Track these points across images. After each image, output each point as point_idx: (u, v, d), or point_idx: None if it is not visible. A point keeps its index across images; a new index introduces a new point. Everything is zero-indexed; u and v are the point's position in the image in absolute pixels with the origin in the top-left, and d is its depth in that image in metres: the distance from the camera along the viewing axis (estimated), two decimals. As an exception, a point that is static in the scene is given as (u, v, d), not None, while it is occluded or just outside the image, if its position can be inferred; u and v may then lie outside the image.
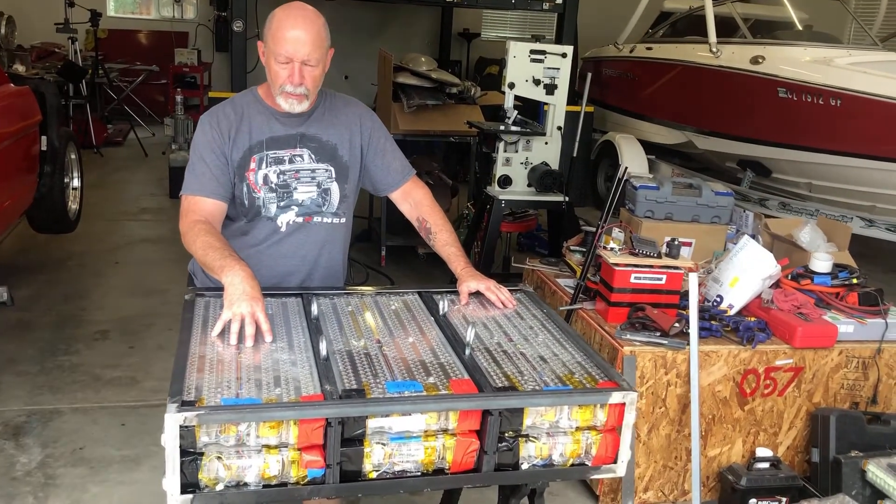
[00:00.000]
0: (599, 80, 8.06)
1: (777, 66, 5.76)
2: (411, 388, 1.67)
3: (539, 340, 1.99)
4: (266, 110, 2.29)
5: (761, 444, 3.13)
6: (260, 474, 1.57)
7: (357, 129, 2.36)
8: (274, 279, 2.30)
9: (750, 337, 3.02)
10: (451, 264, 2.34)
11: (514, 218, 5.19)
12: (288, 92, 2.18)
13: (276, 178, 2.26)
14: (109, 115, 10.14)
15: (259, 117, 2.28)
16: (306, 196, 2.29)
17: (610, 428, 1.74)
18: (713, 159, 7.02)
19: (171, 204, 7.17)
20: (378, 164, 2.41)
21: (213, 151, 2.23)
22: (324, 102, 2.34)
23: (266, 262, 2.29)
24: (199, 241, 2.08)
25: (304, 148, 2.28)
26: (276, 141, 2.27)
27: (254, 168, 2.25)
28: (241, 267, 1.97)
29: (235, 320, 1.86)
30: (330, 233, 2.35)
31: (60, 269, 5.28)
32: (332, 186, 2.31)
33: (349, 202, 2.37)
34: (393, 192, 2.46)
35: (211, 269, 2.03)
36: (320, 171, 2.30)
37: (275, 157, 2.26)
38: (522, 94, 4.50)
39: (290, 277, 2.34)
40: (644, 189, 3.66)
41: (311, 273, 2.36)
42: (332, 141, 2.32)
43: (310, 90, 2.20)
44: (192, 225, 2.15)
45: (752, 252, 3.21)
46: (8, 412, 3.47)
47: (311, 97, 2.23)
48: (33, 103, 4.69)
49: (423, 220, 2.43)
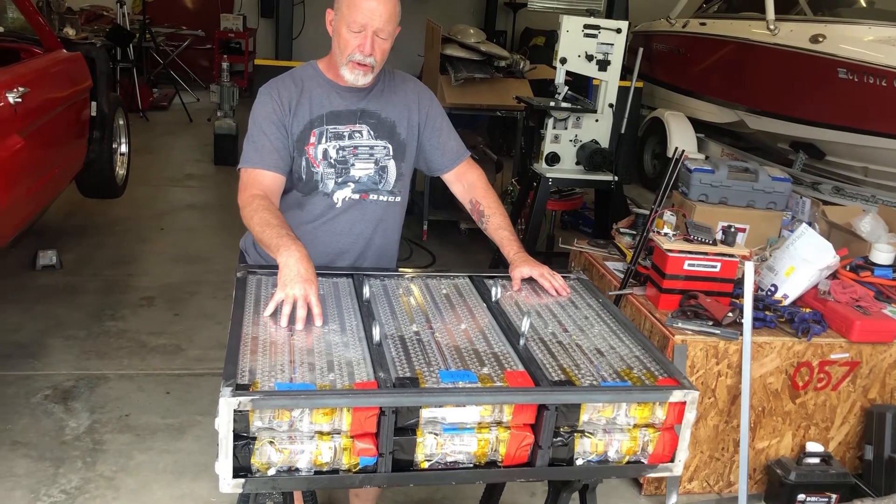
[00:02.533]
0: (649, 54, 7.87)
1: (838, 45, 5.56)
2: (465, 378, 1.64)
3: (595, 332, 1.94)
4: (327, 84, 2.25)
5: (812, 438, 3.06)
6: (312, 460, 1.55)
7: (415, 107, 2.32)
8: (328, 256, 2.27)
9: (805, 329, 2.94)
10: (503, 248, 2.29)
11: (560, 196, 5.11)
12: (356, 61, 2.13)
13: (336, 153, 2.22)
14: (155, 79, 10.20)
15: (319, 90, 2.24)
16: (363, 173, 2.25)
17: (668, 426, 1.70)
18: (765, 140, 6.84)
19: (216, 171, 7.22)
20: (434, 143, 2.36)
21: (274, 123, 2.19)
22: (383, 79, 2.29)
23: (321, 238, 2.26)
24: (256, 217, 2.04)
25: (364, 124, 2.25)
26: (336, 115, 2.23)
27: (313, 142, 2.21)
28: (297, 247, 1.93)
29: (287, 302, 1.83)
30: (385, 211, 2.31)
31: (107, 234, 5.34)
32: (389, 164, 2.27)
33: (405, 181, 2.33)
34: (447, 172, 2.41)
35: (267, 246, 2.00)
36: (378, 147, 2.26)
37: (335, 131, 2.22)
38: (574, 69, 4.40)
39: (344, 255, 2.31)
40: (699, 172, 3.56)
41: (365, 251, 2.33)
42: (391, 118, 2.27)
43: (377, 63, 2.15)
44: (251, 199, 2.10)
45: (810, 241, 3.11)
46: (57, 375, 3.53)
47: (377, 70, 2.18)
48: (84, 69, 4.71)
49: (476, 202, 2.38)
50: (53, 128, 4.15)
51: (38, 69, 4.11)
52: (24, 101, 3.58)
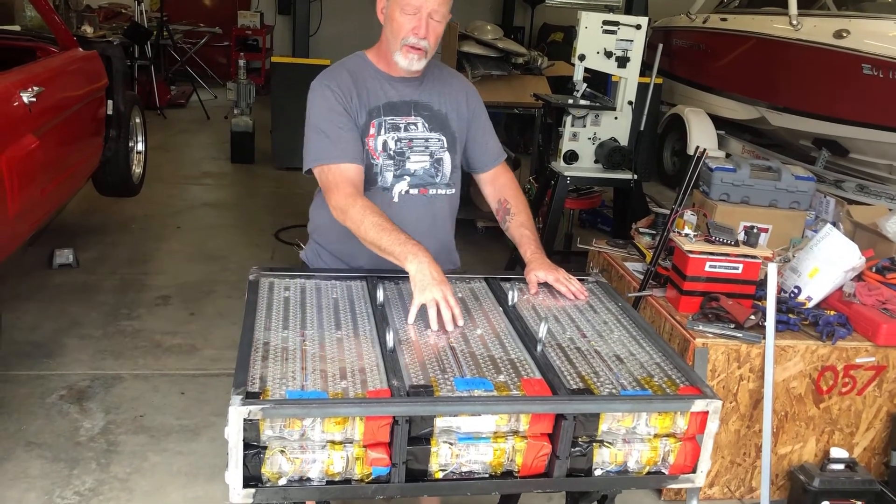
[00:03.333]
0: (669, 50, 7.78)
1: (862, 40, 5.45)
2: (481, 386, 1.60)
3: (614, 337, 1.89)
4: (379, 75, 2.21)
5: (836, 444, 2.99)
6: (324, 470, 1.52)
7: (464, 103, 2.29)
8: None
9: (830, 332, 2.87)
10: (521, 247, 2.25)
11: (579, 195, 5.05)
12: (410, 45, 2.10)
13: (395, 144, 2.18)
14: (173, 76, 10.23)
15: (373, 82, 2.20)
16: (419, 166, 2.21)
17: (690, 436, 1.65)
18: (786, 137, 6.74)
19: (233, 169, 7.22)
20: (479, 141, 2.33)
21: (341, 115, 2.12)
22: (432, 70, 2.26)
23: None
24: (367, 220, 1.98)
25: (418, 116, 2.21)
26: (392, 107, 2.19)
27: (373, 134, 2.17)
28: (424, 253, 1.91)
29: (431, 306, 1.83)
30: (443, 204, 2.27)
31: (124, 233, 5.35)
32: (444, 156, 2.24)
33: (458, 173, 2.30)
34: (484, 172, 2.38)
35: (386, 252, 1.95)
36: (433, 140, 2.22)
37: (392, 123, 2.18)
38: (593, 66, 4.34)
39: None
40: (720, 171, 3.50)
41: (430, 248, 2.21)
42: (444, 110, 2.24)
43: (430, 47, 2.12)
44: (351, 202, 2.02)
45: (835, 242, 3.04)
46: (72, 375, 3.52)
47: (429, 56, 2.15)
48: (100, 68, 4.70)
49: (504, 200, 2.34)
50: (69, 127, 4.14)
51: (53, 68, 4.11)
52: (39, 100, 3.57)
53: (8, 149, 3.27)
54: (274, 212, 5.91)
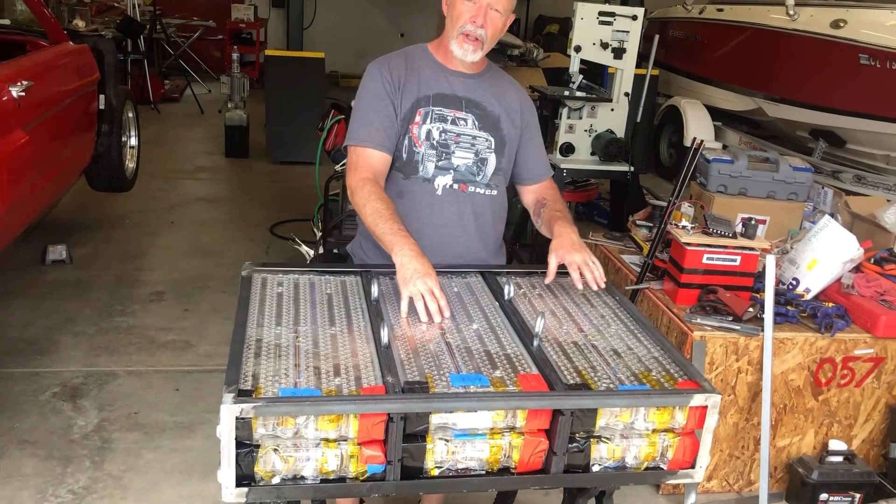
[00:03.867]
0: (665, 41, 7.73)
1: (859, 30, 5.43)
2: (477, 382, 1.57)
3: (612, 331, 1.86)
4: (436, 65, 2.21)
5: (835, 436, 2.98)
6: (318, 468, 1.49)
7: (518, 110, 2.27)
8: (433, 248, 2.10)
9: (828, 324, 2.85)
10: (552, 224, 2.18)
11: (575, 187, 5.03)
12: (467, 32, 2.09)
13: (439, 135, 2.16)
14: (166, 70, 10.17)
15: (428, 71, 2.20)
16: (462, 162, 2.19)
17: (689, 431, 1.62)
18: (783, 128, 6.72)
19: (227, 163, 7.18)
20: (528, 153, 2.32)
21: (383, 100, 2.14)
22: (491, 72, 2.26)
23: (428, 232, 2.16)
24: (369, 206, 2.01)
25: (469, 113, 2.19)
26: (443, 98, 2.18)
27: (418, 122, 2.16)
28: (410, 244, 1.91)
29: (417, 299, 1.82)
30: (484, 204, 2.24)
31: (117, 228, 5.31)
32: (489, 157, 2.21)
33: (502, 177, 2.27)
34: (531, 184, 2.36)
35: (379, 239, 1.98)
36: (481, 139, 2.20)
37: (440, 114, 2.17)
38: (589, 57, 4.31)
39: (449, 247, 2.21)
40: (718, 162, 3.47)
41: (469, 245, 2.24)
42: (496, 112, 2.22)
43: (487, 38, 2.11)
44: (361, 184, 2.06)
45: (833, 233, 3.02)
46: (66, 373, 3.50)
47: (486, 48, 2.14)
48: (91, 62, 4.66)
49: (543, 199, 2.31)
50: (60, 122, 4.10)
51: (42, 62, 4.06)
52: (28, 94, 3.53)
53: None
54: (269, 206, 5.88)
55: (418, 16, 9.96)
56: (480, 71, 2.23)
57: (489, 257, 2.30)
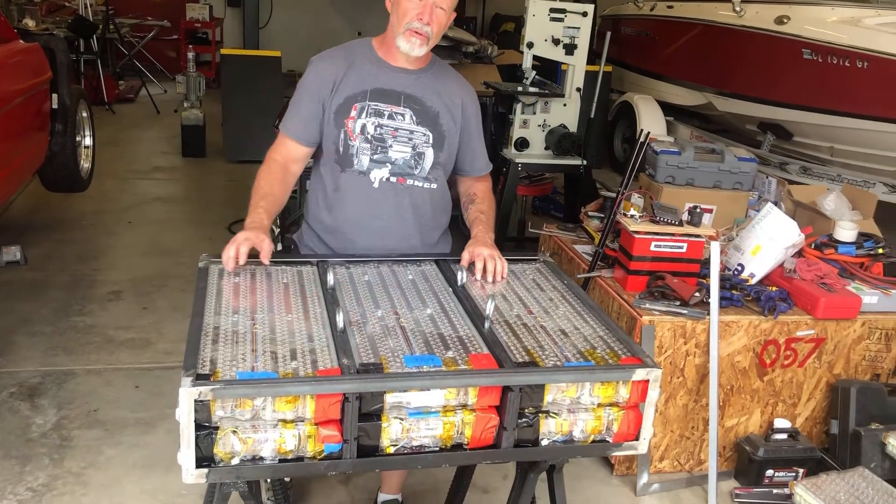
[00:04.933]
0: (617, 38, 7.88)
1: (802, 26, 5.61)
2: (430, 362, 1.63)
3: (560, 313, 1.94)
4: (377, 61, 2.27)
5: (780, 415, 3.10)
6: (276, 449, 1.54)
7: (459, 105, 2.32)
8: (372, 240, 2.27)
9: (771, 307, 2.96)
10: (472, 227, 2.32)
11: (531, 181, 5.12)
12: (413, 29, 2.15)
13: (374, 129, 2.23)
14: (121, 71, 10.05)
15: (368, 66, 2.26)
16: (400, 156, 2.25)
17: (632, 405, 1.70)
18: (733, 122, 6.89)
19: (184, 163, 7.13)
20: (467, 147, 2.38)
21: (311, 95, 2.26)
22: (436, 69, 2.31)
23: (367, 224, 2.27)
24: (256, 181, 2.24)
25: (408, 108, 2.25)
26: (381, 93, 2.24)
27: (353, 116, 2.22)
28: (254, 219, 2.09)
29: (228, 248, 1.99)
30: (422, 196, 2.30)
31: (73, 229, 5.26)
32: (427, 151, 2.27)
33: (441, 170, 2.33)
34: (468, 177, 2.45)
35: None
36: (418, 133, 2.26)
37: (376, 108, 2.23)
38: (541, 53, 4.40)
39: (386, 239, 2.29)
40: (665, 154, 3.57)
41: (411, 236, 2.32)
42: (436, 108, 2.28)
43: (433, 35, 2.17)
44: (267, 161, 2.29)
45: (776, 220, 3.13)
46: (23, 373, 3.47)
47: (431, 43, 2.20)
48: (43, 60, 4.61)
49: (473, 193, 2.42)
50: (10, 120, 4.06)
51: (-9, 61, 4.03)
52: (-22, 93, 3.50)
53: (-52, 143, 3.21)
54: (226, 205, 5.86)
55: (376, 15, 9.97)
56: (423, 66, 2.29)
57: (428, 250, 2.37)
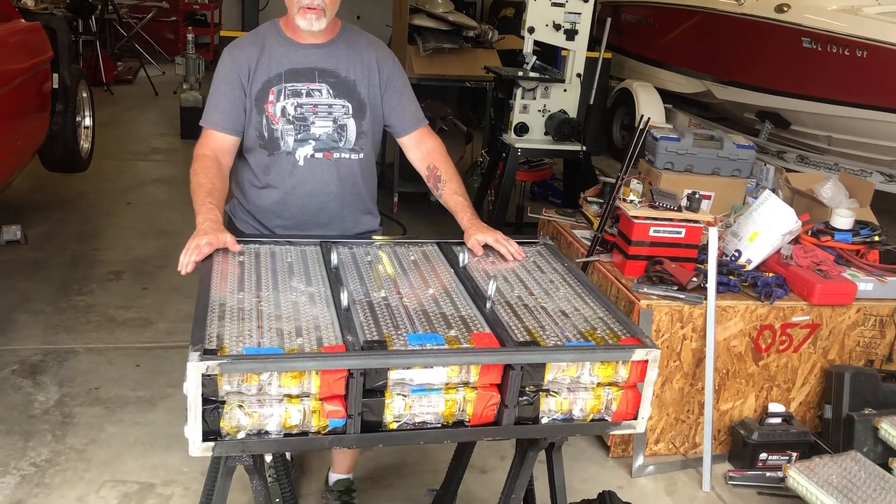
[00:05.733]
0: (617, 25, 7.88)
1: (802, 14, 5.61)
2: (433, 340, 1.66)
3: (560, 295, 1.97)
4: (286, 42, 2.28)
5: (774, 399, 3.14)
6: (281, 423, 1.57)
7: (376, 68, 2.33)
8: (307, 216, 2.33)
9: (768, 293, 3.00)
10: (457, 215, 2.31)
11: (530, 167, 5.13)
12: (305, 6, 2.15)
13: (294, 110, 2.25)
14: (119, 52, 10.01)
15: (279, 49, 2.27)
16: (322, 131, 2.28)
17: (631, 384, 1.73)
18: (731, 109, 6.91)
19: (182, 145, 7.13)
20: (393, 105, 2.38)
21: (229, 84, 2.27)
22: (346, 37, 2.31)
23: (294, 202, 2.32)
24: (193, 179, 2.20)
25: (323, 83, 2.27)
26: (294, 73, 2.25)
27: (272, 100, 2.25)
28: (208, 216, 2.10)
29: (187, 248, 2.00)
30: (350, 168, 2.34)
31: (73, 209, 5.27)
32: (348, 122, 2.30)
33: (368, 139, 2.35)
34: (405, 136, 2.43)
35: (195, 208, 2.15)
36: (337, 106, 2.28)
37: (293, 89, 2.25)
38: (542, 39, 4.39)
39: (322, 214, 2.34)
40: (665, 140, 3.60)
41: (341, 209, 2.35)
42: (351, 77, 2.29)
43: (327, 5, 2.17)
44: (196, 158, 2.25)
45: (773, 207, 3.17)
46: (24, 350, 3.50)
47: (329, 14, 2.20)
48: (44, 40, 4.61)
49: (433, 167, 2.39)
50: (12, 99, 4.06)
51: (-6, 39, 4.03)
52: (-19, 71, 3.51)
53: (-49, 121, 3.22)
54: (226, 187, 5.86)
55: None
56: (332, 38, 2.29)
57: (361, 217, 2.42)
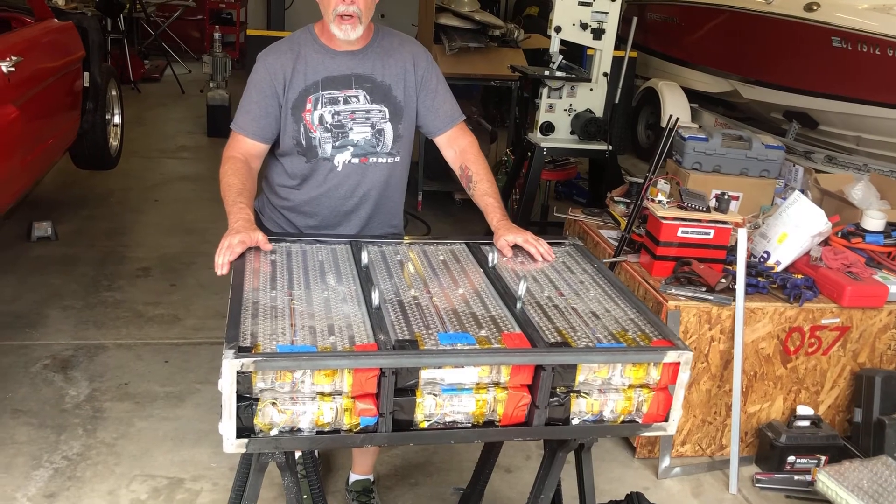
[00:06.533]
0: (643, 24, 7.82)
1: (832, 13, 5.54)
2: (464, 340, 1.67)
3: (590, 295, 1.96)
4: (322, 49, 2.28)
5: (802, 402, 3.11)
6: (314, 421, 1.58)
7: (411, 69, 2.34)
8: (337, 217, 2.36)
9: (797, 295, 2.97)
10: (487, 215, 2.33)
11: (555, 166, 5.12)
12: (341, 14, 2.16)
13: (331, 118, 2.26)
14: (146, 50, 10.11)
15: (315, 56, 2.27)
16: (360, 136, 2.29)
17: (662, 386, 1.73)
18: (758, 109, 6.84)
19: (209, 142, 7.20)
20: (428, 105, 2.38)
21: (262, 92, 2.27)
22: (379, 40, 2.32)
23: (328, 203, 2.35)
24: (223, 180, 2.21)
25: (360, 89, 2.28)
26: (331, 80, 2.26)
27: (310, 108, 2.26)
28: (239, 215, 2.10)
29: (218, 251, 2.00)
30: (385, 172, 2.36)
31: (102, 206, 5.34)
32: (385, 127, 2.31)
33: (403, 141, 2.36)
34: (439, 135, 2.44)
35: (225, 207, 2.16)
36: (374, 111, 2.29)
37: (329, 97, 2.26)
38: (569, 38, 4.38)
39: (353, 216, 2.37)
40: (693, 140, 3.57)
41: (373, 213, 2.38)
42: (387, 81, 2.30)
43: (362, 11, 2.17)
44: (226, 160, 2.27)
45: (803, 208, 3.14)
46: (56, 345, 3.55)
47: (364, 20, 2.20)
48: (77, 39, 4.67)
49: (465, 167, 2.40)
50: (47, 98, 4.12)
51: (30, 38, 4.08)
52: (18, 70, 3.56)
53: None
54: (252, 185, 5.90)
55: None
56: (367, 43, 2.29)
57: (391, 220, 2.45)
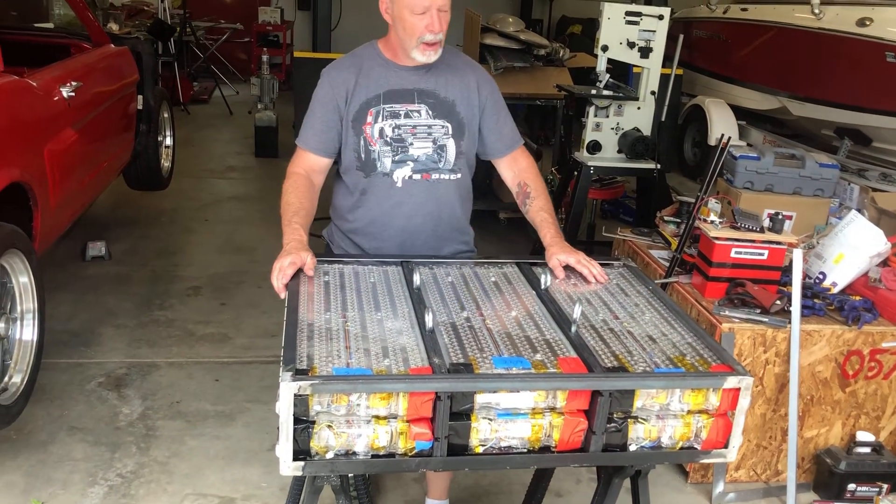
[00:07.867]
0: (689, 41, 7.77)
1: (885, 28, 5.43)
2: (519, 364, 1.66)
3: (646, 319, 1.94)
4: (385, 63, 2.30)
5: (862, 427, 3.02)
6: (369, 444, 1.58)
7: (475, 89, 2.35)
8: (402, 237, 2.34)
9: (855, 317, 2.90)
10: (540, 231, 2.31)
11: (602, 185, 5.09)
12: (427, 42, 2.18)
13: (392, 132, 2.27)
14: (195, 72, 10.33)
15: (378, 70, 2.29)
16: (422, 152, 2.29)
17: (722, 412, 1.70)
18: (808, 126, 6.72)
19: (257, 163, 7.31)
20: (491, 127, 2.39)
21: (325, 107, 2.30)
22: (445, 57, 2.32)
23: (391, 223, 2.33)
24: (284, 197, 2.23)
25: (422, 103, 2.29)
26: (394, 94, 2.28)
27: (370, 122, 2.27)
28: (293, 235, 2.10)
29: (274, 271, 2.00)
30: (448, 188, 2.35)
31: (153, 226, 5.45)
32: (448, 143, 2.31)
33: (465, 158, 2.36)
34: (500, 157, 2.44)
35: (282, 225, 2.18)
36: (437, 127, 2.29)
37: (391, 110, 2.27)
38: (616, 57, 4.37)
39: (418, 234, 2.35)
40: (744, 159, 3.53)
41: (437, 229, 2.36)
42: (450, 97, 2.31)
43: (443, 38, 2.21)
44: (289, 175, 2.29)
45: (860, 228, 3.07)
46: (109, 363, 3.62)
47: (443, 43, 2.23)
48: (132, 63, 4.79)
49: (524, 184, 2.40)
50: (103, 121, 4.23)
51: (88, 64, 4.20)
52: (77, 95, 3.66)
53: (49, 142, 3.37)
54: (299, 204, 5.97)
55: (443, 17, 10.07)
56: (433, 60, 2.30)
57: (458, 237, 2.43)
